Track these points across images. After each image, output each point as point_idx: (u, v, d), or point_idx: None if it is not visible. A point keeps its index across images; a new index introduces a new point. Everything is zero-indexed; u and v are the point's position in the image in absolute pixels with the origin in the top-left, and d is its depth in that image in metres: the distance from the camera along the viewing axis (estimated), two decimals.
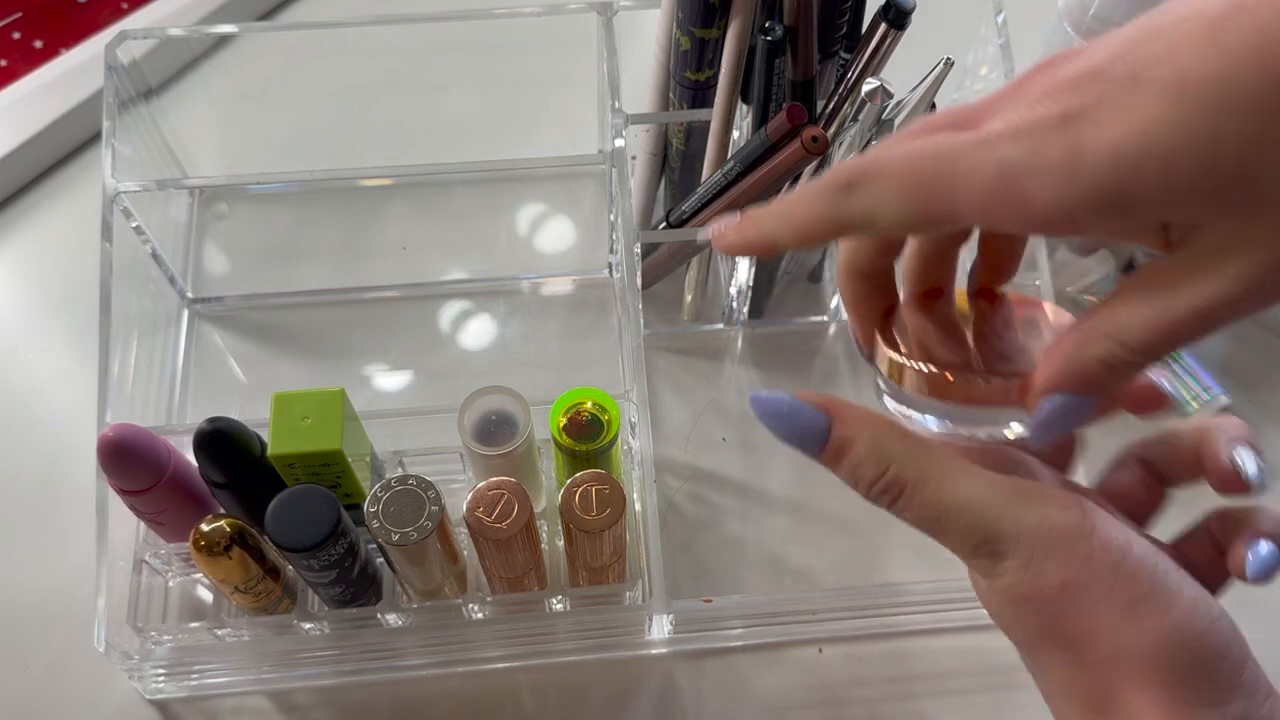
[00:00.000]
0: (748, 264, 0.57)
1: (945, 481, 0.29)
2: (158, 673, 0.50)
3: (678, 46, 0.52)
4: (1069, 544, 0.28)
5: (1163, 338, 0.25)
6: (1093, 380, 0.27)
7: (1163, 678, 0.27)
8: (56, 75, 0.69)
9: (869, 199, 0.27)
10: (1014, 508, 0.28)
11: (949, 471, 0.29)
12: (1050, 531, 0.28)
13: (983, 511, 0.28)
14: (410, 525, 0.43)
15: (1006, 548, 0.28)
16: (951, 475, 0.29)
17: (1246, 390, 0.60)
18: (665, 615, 0.50)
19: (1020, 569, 0.28)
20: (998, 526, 0.28)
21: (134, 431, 0.45)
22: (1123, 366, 0.26)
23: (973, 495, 0.28)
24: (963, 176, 0.25)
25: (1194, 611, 0.28)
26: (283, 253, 0.65)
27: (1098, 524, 0.28)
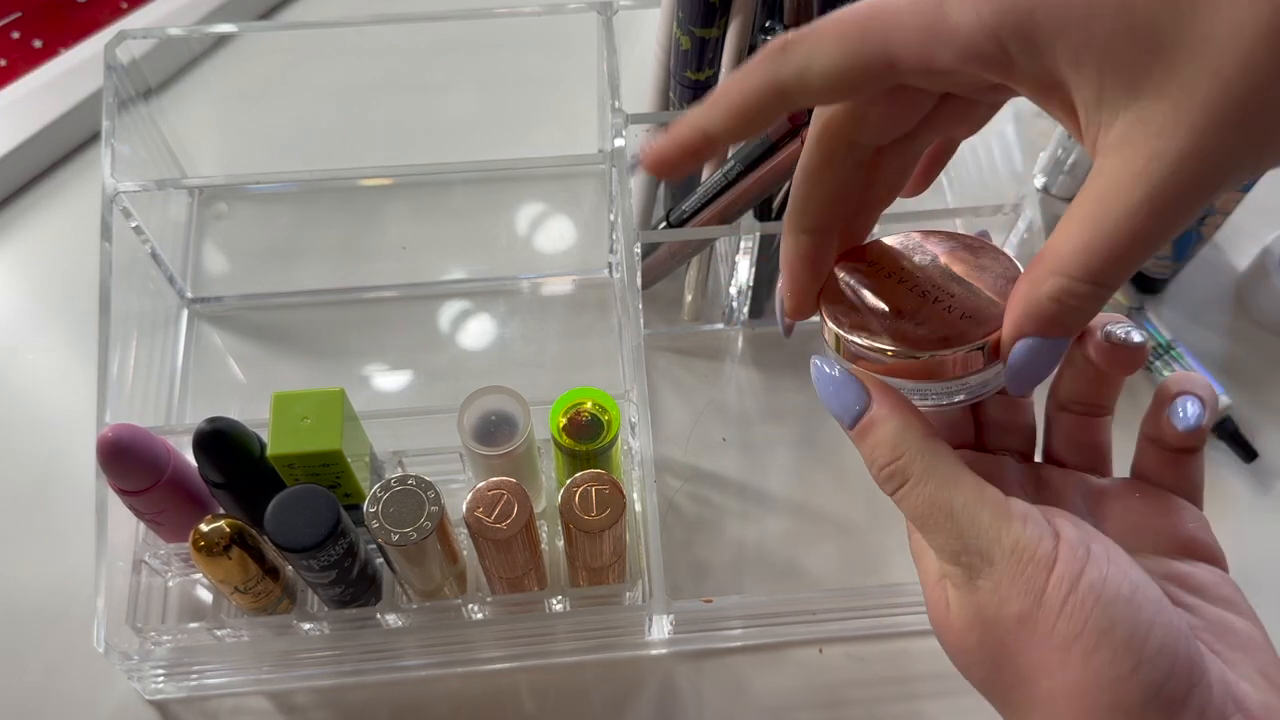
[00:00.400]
0: (748, 264, 0.57)
1: (947, 483, 0.29)
2: (157, 673, 0.50)
3: (678, 46, 0.52)
4: (1033, 574, 0.27)
5: (1105, 260, 0.25)
6: (1051, 319, 0.27)
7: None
8: (56, 75, 0.69)
9: (803, 53, 0.26)
10: (998, 525, 0.28)
11: (953, 475, 0.29)
12: (1020, 557, 0.28)
13: (972, 520, 0.28)
14: (410, 525, 0.43)
15: (983, 564, 0.28)
16: (954, 479, 0.29)
17: (1246, 390, 0.60)
18: (665, 616, 0.49)
19: (991, 590, 0.28)
20: (980, 541, 0.28)
21: (133, 431, 0.45)
22: (1075, 300, 0.26)
23: (967, 502, 0.29)
24: (894, 15, 0.25)
25: (1128, 646, 0.26)
26: (282, 253, 0.65)
27: (1061, 556, 0.27)
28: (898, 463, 0.29)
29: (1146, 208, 0.23)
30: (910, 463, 0.29)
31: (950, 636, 0.30)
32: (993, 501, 0.29)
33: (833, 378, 0.31)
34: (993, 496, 0.29)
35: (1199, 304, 0.64)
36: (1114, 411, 0.35)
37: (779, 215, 0.56)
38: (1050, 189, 0.61)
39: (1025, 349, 0.27)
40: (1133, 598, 0.27)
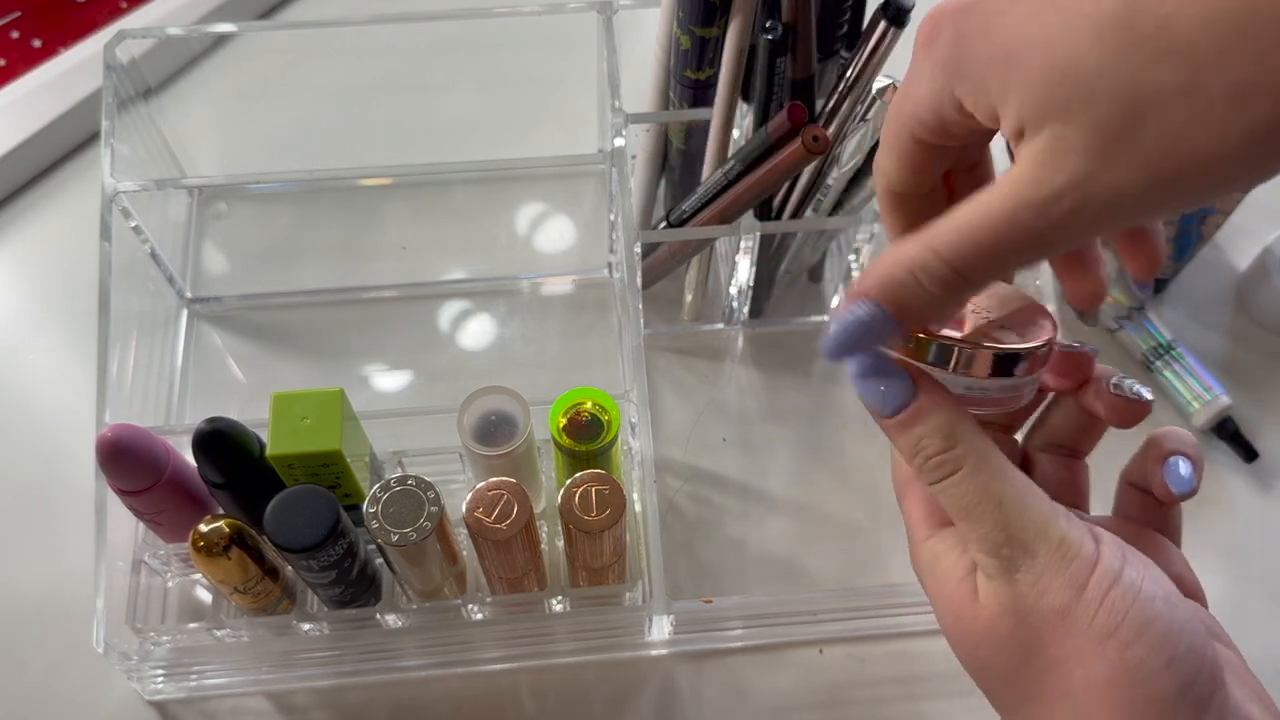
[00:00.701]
0: (748, 264, 0.57)
1: (998, 474, 0.30)
2: (157, 673, 0.50)
3: (678, 45, 0.52)
4: (1077, 569, 0.28)
5: (973, 250, 0.26)
6: (895, 288, 0.28)
7: (1119, 712, 0.28)
8: (55, 75, 0.69)
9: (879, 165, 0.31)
10: (1045, 521, 0.29)
11: (1004, 468, 0.30)
12: (1065, 553, 0.28)
13: (1020, 514, 0.29)
14: (410, 526, 0.43)
15: (1024, 557, 0.29)
16: (1005, 472, 0.30)
17: (1247, 390, 0.60)
18: (665, 616, 0.49)
19: (1032, 581, 0.29)
20: (1026, 534, 0.29)
21: (133, 432, 0.44)
22: (927, 278, 0.27)
23: (1017, 495, 0.29)
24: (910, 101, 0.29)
25: (1164, 641, 0.27)
26: (282, 253, 0.65)
27: (1103, 555, 0.28)
28: (951, 452, 0.30)
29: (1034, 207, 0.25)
30: (966, 453, 0.30)
31: (977, 626, 0.30)
32: (1042, 499, 0.29)
33: (876, 365, 0.31)
34: (1041, 494, 0.30)
35: (1199, 304, 0.64)
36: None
37: (779, 215, 0.56)
38: None
39: (860, 311, 0.28)
40: (1167, 598, 0.28)
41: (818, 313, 0.63)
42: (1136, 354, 0.61)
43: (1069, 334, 0.61)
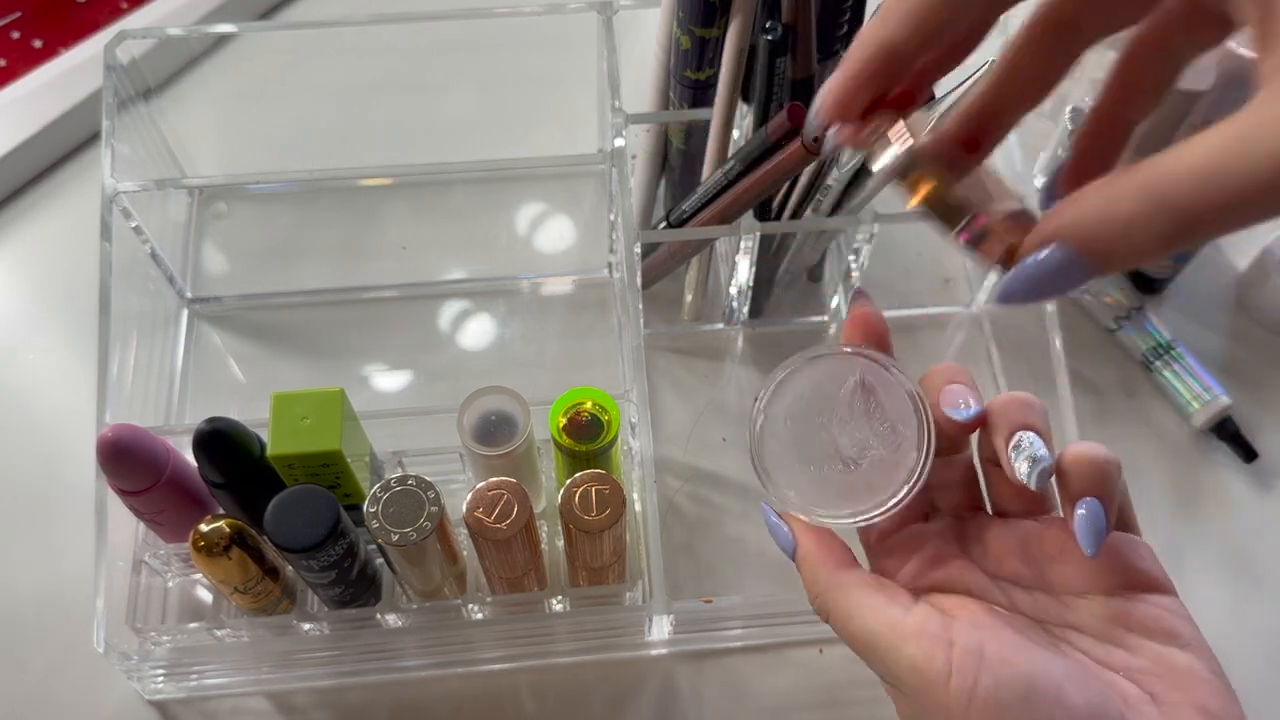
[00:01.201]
0: (748, 264, 0.57)
1: (851, 614, 0.32)
2: (157, 673, 0.50)
3: (678, 46, 0.52)
4: (934, 693, 0.29)
5: (1219, 200, 0.20)
6: (1106, 238, 0.23)
7: None
8: (56, 75, 0.69)
9: None
10: (894, 649, 0.31)
11: (856, 605, 0.32)
12: (920, 677, 0.30)
13: (876, 647, 0.31)
14: (410, 525, 0.43)
15: (899, 685, 0.31)
16: (857, 609, 0.32)
17: (1246, 390, 0.60)
18: (665, 616, 0.49)
19: (912, 712, 0.31)
20: (889, 666, 0.31)
21: (133, 432, 0.45)
22: (1148, 231, 0.22)
23: (869, 629, 0.31)
24: None
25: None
26: (282, 253, 0.65)
27: (955, 668, 0.29)
28: (816, 601, 0.33)
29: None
30: (824, 602, 0.33)
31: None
32: (888, 625, 0.31)
33: (771, 522, 0.35)
34: (888, 620, 0.31)
35: (1199, 304, 0.64)
36: None
37: (779, 215, 0.56)
38: (1050, 189, 0.61)
39: (1053, 257, 0.23)
40: (1028, 697, 0.28)
41: (817, 313, 0.63)
42: (1136, 354, 0.61)
43: None
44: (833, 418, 0.34)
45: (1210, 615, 0.37)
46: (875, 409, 0.34)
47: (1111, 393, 0.61)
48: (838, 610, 0.32)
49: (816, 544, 0.33)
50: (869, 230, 0.56)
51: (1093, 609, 0.32)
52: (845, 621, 0.32)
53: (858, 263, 0.59)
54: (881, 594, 0.32)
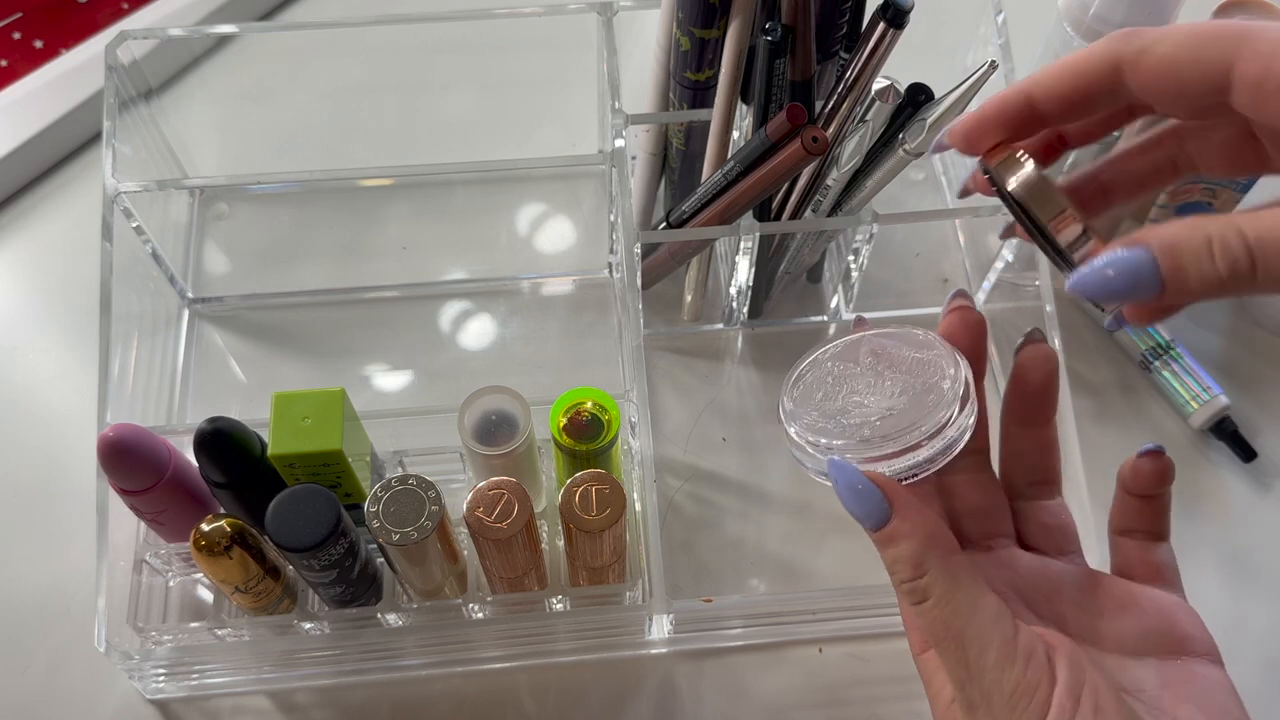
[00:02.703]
0: (748, 264, 0.57)
1: (963, 610, 0.29)
2: (158, 673, 0.50)
3: (678, 46, 0.52)
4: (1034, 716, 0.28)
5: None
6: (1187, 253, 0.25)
7: None
8: (57, 75, 0.69)
9: (1150, 36, 0.28)
10: (1001, 666, 0.29)
11: (971, 602, 0.29)
12: (1016, 705, 0.28)
13: (980, 655, 0.29)
14: (410, 525, 0.43)
15: (982, 701, 0.29)
16: (972, 606, 0.29)
17: (1245, 390, 0.60)
18: (665, 615, 0.50)
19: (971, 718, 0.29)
20: (983, 679, 0.29)
21: (134, 431, 0.45)
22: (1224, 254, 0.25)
23: (979, 634, 0.29)
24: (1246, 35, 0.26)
25: None
26: (283, 253, 0.65)
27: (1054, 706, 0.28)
28: (919, 581, 0.30)
29: None
30: (932, 583, 0.30)
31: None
32: (1001, 638, 0.29)
33: (853, 485, 0.31)
34: (1003, 632, 0.29)
35: (1199, 304, 0.64)
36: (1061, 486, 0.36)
37: (779, 215, 0.56)
38: None
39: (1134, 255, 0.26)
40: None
41: (817, 313, 0.63)
42: (1135, 354, 0.61)
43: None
44: (858, 386, 0.34)
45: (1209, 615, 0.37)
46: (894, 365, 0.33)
47: (1110, 392, 0.61)
48: (947, 600, 0.29)
49: (925, 517, 0.30)
50: (869, 230, 0.56)
51: (1147, 673, 0.32)
52: (950, 616, 0.29)
53: (857, 263, 0.59)
54: (996, 598, 0.30)
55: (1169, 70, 0.27)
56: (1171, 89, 0.28)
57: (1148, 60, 0.27)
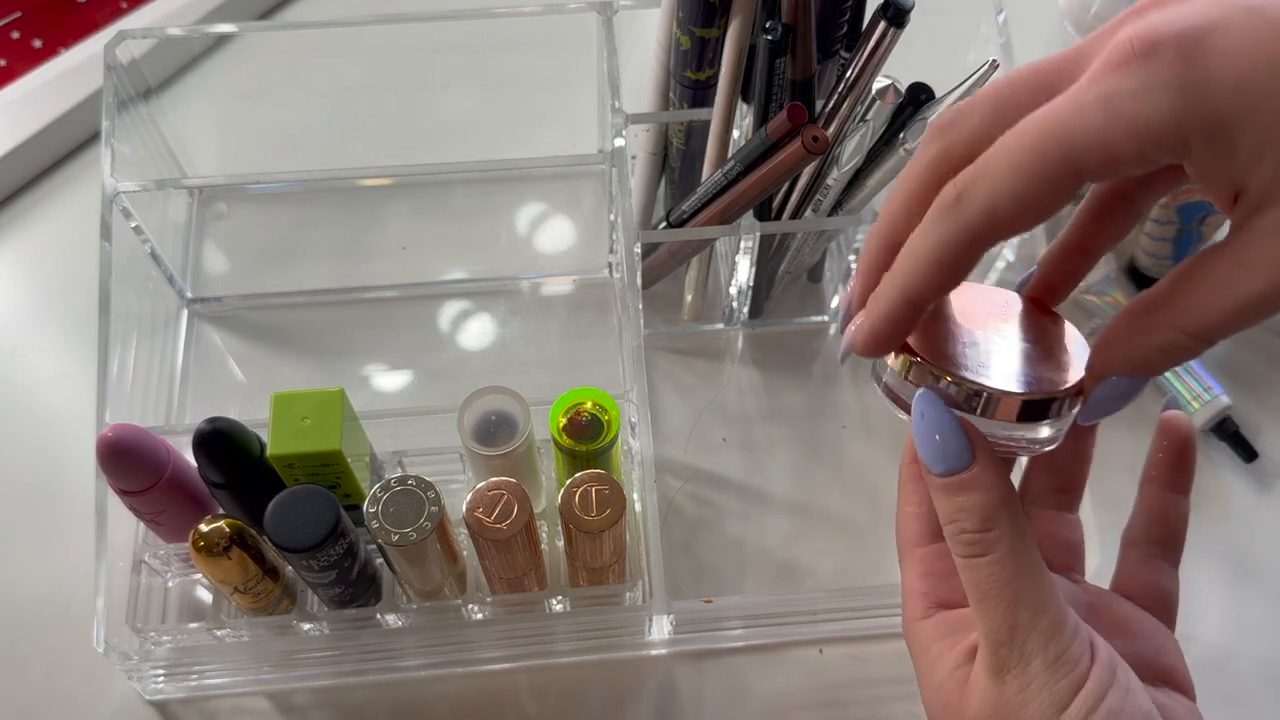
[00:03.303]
0: (748, 264, 0.57)
1: (1025, 570, 0.29)
2: (157, 673, 0.50)
3: (678, 46, 0.52)
4: (1064, 689, 0.28)
5: (1224, 322, 0.26)
6: (1149, 365, 0.29)
7: None
8: (55, 75, 0.69)
9: (983, 195, 0.26)
10: (1051, 631, 0.28)
11: (1033, 564, 0.29)
12: (1057, 670, 0.28)
13: (1032, 616, 0.29)
14: (410, 526, 0.43)
15: (1018, 663, 0.29)
16: (1034, 568, 0.29)
17: (1246, 390, 0.60)
18: (665, 616, 0.49)
19: (1018, 690, 0.29)
20: (1029, 641, 0.28)
21: (133, 432, 0.45)
22: (1180, 352, 0.28)
23: (1035, 596, 0.29)
24: (1067, 125, 0.25)
25: None
26: (282, 253, 0.65)
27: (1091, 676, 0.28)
28: (986, 534, 0.29)
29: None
30: (998, 539, 0.29)
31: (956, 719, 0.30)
32: (1058, 606, 0.29)
33: (936, 419, 0.29)
34: (1059, 600, 0.29)
35: None
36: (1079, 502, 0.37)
37: (779, 215, 0.56)
38: None
39: (1115, 385, 0.30)
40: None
41: (817, 313, 0.63)
42: None
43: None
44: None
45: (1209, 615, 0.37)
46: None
47: None
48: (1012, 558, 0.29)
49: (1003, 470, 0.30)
50: (869, 230, 0.56)
51: None
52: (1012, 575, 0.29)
53: (857, 263, 0.59)
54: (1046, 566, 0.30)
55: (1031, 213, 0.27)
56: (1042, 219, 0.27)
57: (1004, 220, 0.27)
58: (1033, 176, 0.25)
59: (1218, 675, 0.52)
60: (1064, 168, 0.25)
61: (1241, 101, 0.23)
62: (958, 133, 0.28)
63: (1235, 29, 0.23)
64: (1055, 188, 0.26)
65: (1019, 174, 0.26)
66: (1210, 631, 0.53)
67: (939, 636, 0.32)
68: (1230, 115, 0.24)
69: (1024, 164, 0.26)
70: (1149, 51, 0.24)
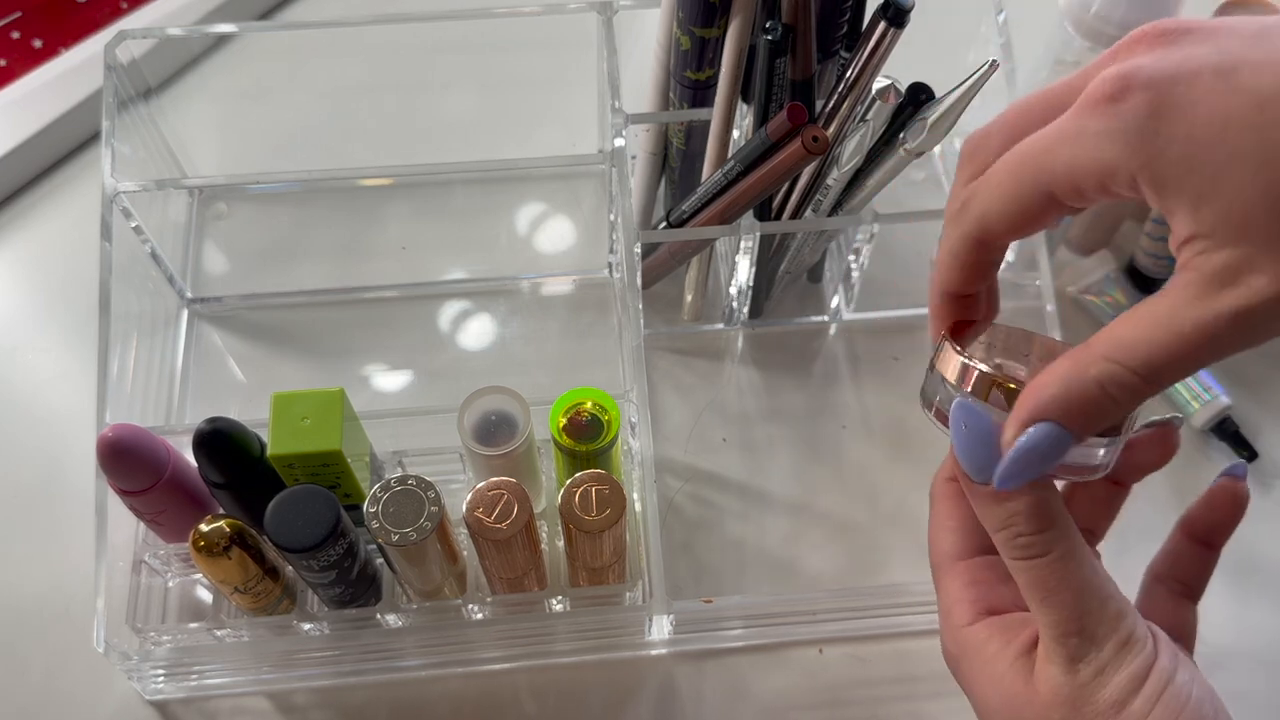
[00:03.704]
0: (748, 264, 0.57)
1: (1083, 564, 0.30)
2: (157, 673, 0.50)
3: (678, 46, 0.52)
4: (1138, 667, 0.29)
5: (1170, 358, 0.26)
6: (1088, 406, 0.27)
7: None
8: (56, 75, 0.69)
9: (978, 207, 0.30)
10: (1116, 616, 0.30)
11: (1088, 557, 0.30)
12: (1130, 650, 0.29)
13: (1098, 605, 0.30)
14: (410, 525, 0.43)
15: (1089, 649, 0.30)
16: (1087, 560, 0.30)
17: (1246, 390, 0.60)
18: (665, 616, 0.49)
19: (1093, 675, 0.29)
20: (1097, 627, 0.30)
21: (133, 431, 0.45)
22: (1120, 390, 0.27)
23: (1096, 586, 0.30)
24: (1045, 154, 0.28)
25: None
26: (282, 253, 0.65)
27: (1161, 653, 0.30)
28: (1044, 534, 0.30)
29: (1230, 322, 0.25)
30: (1057, 537, 0.30)
31: (1030, 710, 0.31)
32: (1117, 593, 0.30)
33: (981, 429, 0.30)
34: (1116, 588, 0.30)
35: None
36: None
37: (779, 215, 0.56)
38: None
39: (1041, 434, 0.28)
40: (1209, 699, 0.29)
41: (817, 313, 0.63)
42: None
43: None
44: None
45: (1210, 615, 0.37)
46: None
47: None
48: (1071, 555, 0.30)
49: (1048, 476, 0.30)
50: (869, 230, 0.56)
51: None
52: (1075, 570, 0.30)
53: (858, 263, 0.59)
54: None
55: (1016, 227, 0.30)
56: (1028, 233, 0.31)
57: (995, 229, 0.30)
58: (1014, 197, 0.29)
59: (1218, 675, 0.52)
60: (1038, 191, 0.28)
61: (1188, 153, 0.25)
62: (981, 158, 0.31)
63: (1200, 85, 0.25)
64: (1033, 207, 0.29)
65: (1003, 193, 0.29)
66: (1210, 631, 0.53)
67: (994, 635, 0.32)
68: (1176, 167, 0.25)
69: (1006, 186, 0.29)
70: (1119, 95, 0.26)
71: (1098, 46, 0.56)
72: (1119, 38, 0.29)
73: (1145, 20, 0.55)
